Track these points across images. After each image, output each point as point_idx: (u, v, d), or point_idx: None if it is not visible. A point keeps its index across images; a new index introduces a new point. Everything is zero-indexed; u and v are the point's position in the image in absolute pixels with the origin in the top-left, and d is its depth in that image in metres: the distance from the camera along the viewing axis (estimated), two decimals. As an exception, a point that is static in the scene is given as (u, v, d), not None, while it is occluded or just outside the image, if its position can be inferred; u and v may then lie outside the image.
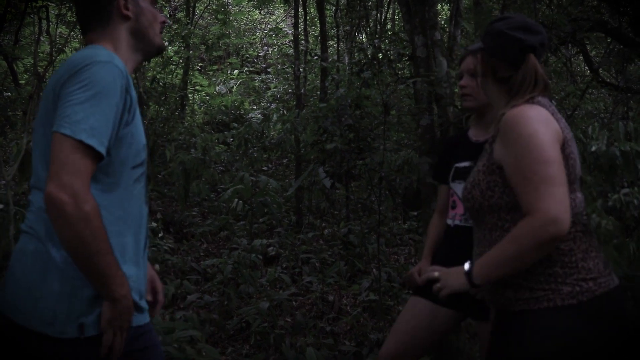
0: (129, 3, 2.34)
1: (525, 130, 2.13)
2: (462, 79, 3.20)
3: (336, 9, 14.50)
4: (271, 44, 20.59)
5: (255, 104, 17.09)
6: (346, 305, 6.26)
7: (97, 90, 2.02)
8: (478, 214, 2.35)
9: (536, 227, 2.03)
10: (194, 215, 9.37)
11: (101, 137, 1.99)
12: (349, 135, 6.09)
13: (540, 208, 2.04)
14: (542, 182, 2.06)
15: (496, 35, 2.40)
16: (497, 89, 2.42)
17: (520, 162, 2.12)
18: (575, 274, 2.15)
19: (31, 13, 12.76)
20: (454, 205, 3.24)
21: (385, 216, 8.71)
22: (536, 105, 2.24)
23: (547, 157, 2.09)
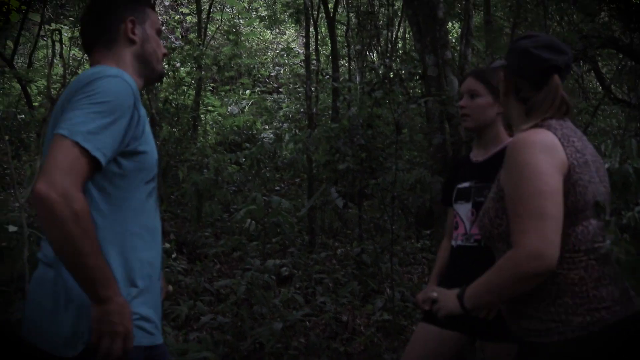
0: (136, 28, 2.39)
1: (523, 158, 2.08)
2: (462, 99, 3.22)
3: (347, 29, 14.57)
4: (283, 63, 20.66)
5: (267, 124, 17.12)
6: (360, 325, 6.23)
7: (103, 100, 2.04)
8: (489, 241, 2.32)
9: (517, 261, 2.01)
10: (207, 236, 9.37)
11: (98, 144, 1.99)
12: (361, 155, 6.09)
13: (524, 242, 2.00)
14: (530, 215, 2.02)
15: (521, 54, 2.32)
16: (518, 108, 2.35)
17: (514, 192, 2.09)
18: (586, 303, 2.07)
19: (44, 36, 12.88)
20: (457, 225, 3.25)
21: (398, 235, 8.68)
22: (544, 129, 2.18)
23: (540, 189, 2.03)
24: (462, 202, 3.22)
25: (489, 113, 3.16)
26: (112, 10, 2.38)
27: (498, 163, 3.06)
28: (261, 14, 21.69)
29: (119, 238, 2.11)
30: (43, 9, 11.63)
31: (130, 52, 2.38)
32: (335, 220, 9.97)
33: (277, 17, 20.96)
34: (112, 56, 2.34)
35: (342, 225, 9.96)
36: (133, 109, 2.12)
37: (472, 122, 3.20)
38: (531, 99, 2.29)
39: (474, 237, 3.12)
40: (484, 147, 3.24)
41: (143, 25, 2.42)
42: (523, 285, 2.03)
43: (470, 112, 3.18)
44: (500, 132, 3.20)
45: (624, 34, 10.49)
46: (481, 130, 3.21)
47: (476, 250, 3.09)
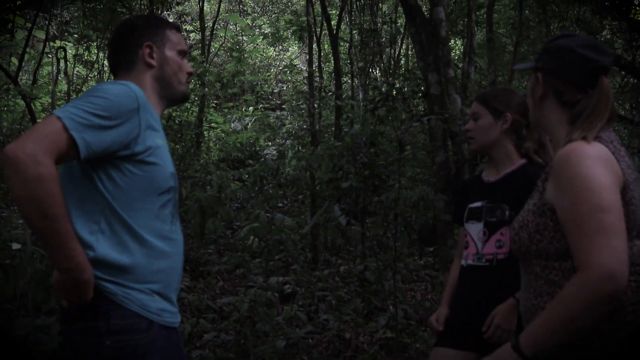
0: (154, 52, 2.47)
1: (581, 172, 1.90)
2: (468, 122, 3.27)
3: (350, 46, 14.64)
4: (286, 80, 20.74)
5: (270, 141, 17.16)
6: (363, 343, 6.22)
7: (100, 96, 2.12)
8: (524, 257, 2.12)
9: (590, 285, 1.80)
10: (210, 253, 9.36)
11: (80, 128, 2.03)
12: (364, 172, 6.11)
13: (595, 262, 1.80)
14: (598, 233, 1.83)
15: (563, 53, 2.13)
16: (559, 115, 2.15)
17: (574, 209, 1.89)
18: (623, 329, 1.91)
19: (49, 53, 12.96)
20: (467, 245, 3.24)
21: (401, 252, 8.68)
22: (596, 141, 1.99)
23: (605, 204, 1.85)
24: (473, 222, 3.22)
25: (491, 133, 3.17)
26: (132, 35, 2.47)
27: (510, 183, 3.07)
28: (264, 31, 21.81)
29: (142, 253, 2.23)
30: (48, 27, 11.71)
31: (149, 75, 2.46)
32: (338, 237, 9.97)
33: (280, 35, 21.08)
34: (133, 79, 2.41)
35: (345, 242, 9.96)
36: (134, 116, 2.17)
37: (475, 143, 3.24)
38: (577, 103, 2.10)
39: (485, 257, 3.11)
40: (495, 167, 3.25)
41: (162, 48, 2.50)
42: (597, 313, 1.82)
43: (474, 135, 3.22)
44: (510, 152, 3.19)
45: (626, 51, 10.54)
46: (488, 151, 3.23)
47: (487, 270, 3.08)
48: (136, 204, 2.23)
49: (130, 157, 2.19)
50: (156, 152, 2.27)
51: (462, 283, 3.27)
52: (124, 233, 2.21)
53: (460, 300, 3.23)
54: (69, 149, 2.02)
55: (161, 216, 2.32)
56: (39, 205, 1.93)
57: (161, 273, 2.30)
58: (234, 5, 23.15)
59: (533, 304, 2.08)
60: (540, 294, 2.06)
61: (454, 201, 3.60)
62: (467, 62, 7.23)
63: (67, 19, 15.48)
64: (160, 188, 2.29)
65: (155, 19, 2.59)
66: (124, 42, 2.48)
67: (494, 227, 3.09)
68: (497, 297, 2.97)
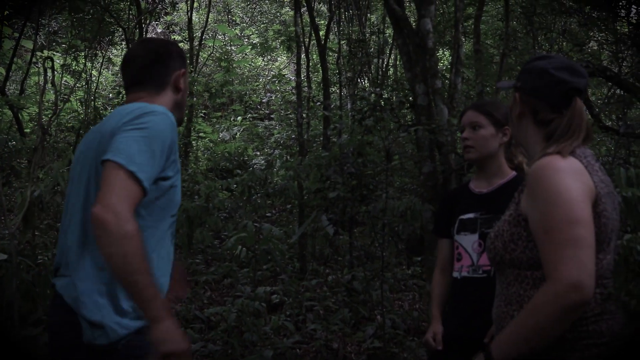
0: (182, 78, 2.64)
1: (553, 185, 1.96)
2: (464, 132, 3.24)
3: (338, 56, 14.66)
4: (274, 90, 20.76)
5: (259, 150, 17.16)
6: (350, 352, 6.22)
7: (152, 135, 2.25)
8: (498, 266, 2.19)
9: (557, 295, 1.85)
10: (198, 263, 9.36)
11: (147, 175, 2.18)
12: (351, 182, 6.12)
13: (562, 273, 1.85)
14: (566, 244, 1.88)
15: (539, 74, 2.21)
16: (535, 132, 2.23)
17: (545, 220, 1.95)
18: (585, 338, 1.98)
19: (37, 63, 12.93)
20: (460, 257, 3.23)
21: (388, 262, 8.69)
22: (569, 156, 2.06)
23: (575, 217, 1.91)
24: (466, 234, 3.21)
25: (492, 144, 3.18)
26: (169, 58, 2.62)
27: (504, 195, 3.02)
28: (253, 41, 21.84)
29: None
30: (35, 37, 11.69)
31: (173, 98, 2.63)
32: (326, 247, 9.97)
33: (268, 45, 21.12)
34: (159, 99, 2.56)
35: (333, 252, 9.96)
36: (171, 146, 2.32)
37: (475, 153, 3.21)
38: (551, 122, 2.18)
39: (482, 268, 3.11)
40: (486, 178, 3.26)
41: (185, 77, 2.67)
42: (566, 321, 1.88)
43: (474, 144, 3.20)
44: (502, 164, 3.23)
45: (612, 63, 10.62)
46: (484, 162, 3.23)
47: (485, 282, 3.05)
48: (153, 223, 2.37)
49: (163, 179, 2.34)
50: (178, 175, 2.43)
51: (457, 296, 3.25)
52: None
53: (455, 313, 3.22)
54: (141, 197, 2.18)
55: (167, 235, 2.46)
56: (128, 262, 2.07)
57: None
58: (222, 15, 23.20)
59: (503, 312, 2.15)
60: (510, 302, 2.13)
61: (438, 212, 3.59)
62: (454, 73, 7.26)
63: (55, 28, 15.46)
64: (175, 209, 2.46)
65: (182, 50, 2.74)
66: (160, 62, 2.61)
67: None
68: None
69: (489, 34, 15.46)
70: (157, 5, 14.43)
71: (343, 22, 15.24)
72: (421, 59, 5.85)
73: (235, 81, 20.11)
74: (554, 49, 11.46)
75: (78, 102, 16.18)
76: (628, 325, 2.11)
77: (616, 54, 10.39)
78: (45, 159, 10.06)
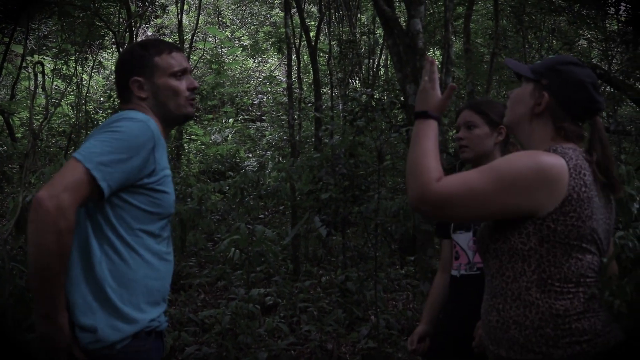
0: (145, 84, 2.55)
1: (517, 158, 2.04)
2: (459, 131, 3.25)
3: (329, 57, 14.67)
4: (265, 91, 20.76)
5: (251, 152, 17.16)
6: (345, 353, 6.23)
7: (122, 138, 2.25)
8: (484, 256, 2.23)
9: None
10: (191, 266, 9.35)
11: (107, 176, 2.18)
12: (343, 183, 6.12)
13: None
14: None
15: (576, 87, 2.20)
16: (545, 133, 2.23)
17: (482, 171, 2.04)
18: (568, 336, 2.01)
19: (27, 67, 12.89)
20: (457, 255, 3.26)
21: (382, 262, 8.70)
22: (558, 154, 2.09)
23: (497, 177, 2.00)
24: (461, 232, 3.24)
25: (487, 143, 3.18)
26: (121, 72, 2.59)
27: None
28: (244, 43, 21.82)
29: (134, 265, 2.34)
30: (25, 41, 11.66)
31: (146, 105, 2.56)
32: (320, 248, 9.97)
33: (259, 46, 21.11)
34: (134, 108, 2.53)
35: (326, 253, 9.96)
36: (149, 153, 2.31)
37: (471, 152, 3.21)
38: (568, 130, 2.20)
39: (476, 265, 3.14)
40: None
41: (152, 78, 2.55)
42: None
43: (469, 143, 3.20)
44: None
45: (601, 61, 10.65)
46: (479, 161, 3.22)
47: (479, 279, 3.06)
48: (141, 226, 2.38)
49: (145, 185, 2.34)
50: (167, 181, 2.43)
51: (455, 293, 3.28)
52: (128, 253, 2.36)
53: (453, 310, 3.25)
54: (91, 195, 2.19)
55: (160, 239, 2.47)
56: (50, 258, 2.10)
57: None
58: (212, 17, 23.17)
59: (489, 305, 2.20)
60: (495, 294, 2.17)
61: None
62: (445, 73, 7.28)
63: (45, 33, 15.42)
64: (164, 213, 2.44)
65: (142, 48, 2.61)
66: (118, 79, 2.60)
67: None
68: None
69: (479, 33, 15.50)
70: (147, 8, 14.41)
71: (333, 23, 15.26)
72: (412, 59, 5.87)
73: (226, 83, 20.10)
74: (544, 47, 11.50)
75: (69, 107, 16.17)
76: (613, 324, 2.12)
77: (606, 52, 10.44)
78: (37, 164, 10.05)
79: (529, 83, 2.29)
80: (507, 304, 2.11)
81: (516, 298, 2.09)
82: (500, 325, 2.12)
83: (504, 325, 2.11)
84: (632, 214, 4.72)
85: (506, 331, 2.10)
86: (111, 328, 2.25)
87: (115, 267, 2.30)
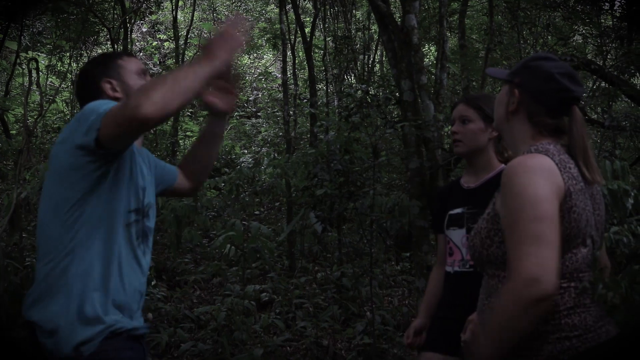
0: (116, 85, 2.54)
1: (520, 182, 2.00)
2: (454, 125, 3.24)
3: (324, 53, 14.66)
4: (261, 88, 20.74)
5: (246, 148, 17.15)
6: (341, 349, 6.23)
7: (86, 109, 2.24)
8: (479, 262, 2.23)
9: (516, 290, 1.88)
10: (187, 262, 9.34)
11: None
12: (339, 179, 6.12)
13: (519, 269, 1.89)
14: (526, 241, 1.91)
15: (545, 78, 2.21)
16: (524, 131, 2.25)
17: (511, 217, 1.99)
18: (557, 331, 2.00)
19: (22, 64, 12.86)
20: (451, 252, 3.26)
21: (377, 259, 8.70)
22: (541, 154, 2.10)
23: (537, 214, 1.94)
24: (454, 229, 3.24)
25: (481, 138, 3.18)
26: (89, 79, 2.56)
27: (491, 189, 3.06)
28: (239, 39, 21.76)
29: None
30: (20, 37, 11.63)
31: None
32: (315, 244, 9.97)
33: (254, 42, 21.06)
34: None
35: (322, 249, 9.96)
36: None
37: (464, 147, 3.22)
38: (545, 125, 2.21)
39: (469, 262, 3.14)
40: (475, 173, 3.28)
41: (121, 78, 2.55)
42: (529, 317, 1.87)
43: (463, 138, 3.21)
44: (491, 158, 3.23)
45: (596, 56, 10.66)
46: (473, 156, 3.24)
47: (472, 276, 3.06)
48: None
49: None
50: (126, 168, 2.39)
51: (449, 290, 3.28)
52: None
53: (447, 306, 3.25)
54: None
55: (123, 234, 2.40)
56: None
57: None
58: (207, 13, 23.10)
59: (484, 304, 2.20)
60: (490, 294, 2.16)
61: (433, 209, 3.60)
62: (440, 69, 7.28)
63: (40, 29, 15.38)
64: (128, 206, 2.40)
65: (102, 56, 2.65)
66: (86, 86, 2.57)
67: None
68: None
69: (474, 29, 15.49)
70: (141, 4, 14.37)
71: (328, 19, 15.25)
72: (406, 55, 5.86)
73: (221, 79, 20.01)
74: (539, 43, 11.50)
75: (64, 103, 16.11)
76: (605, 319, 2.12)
77: (600, 47, 10.44)
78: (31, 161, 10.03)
79: (505, 85, 2.33)
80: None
81: None
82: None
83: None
84: (626, 209, 4.73)
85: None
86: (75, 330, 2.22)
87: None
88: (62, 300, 2.23)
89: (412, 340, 3.35)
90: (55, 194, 2.30)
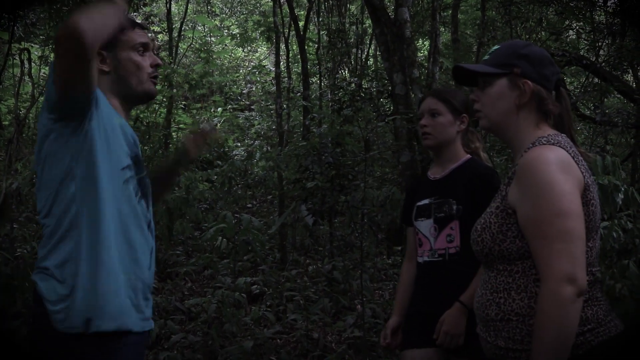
0: (107, 58, 2.48)
1: (543, 178, 1.95)
2: (422, 118, 3.27)
3: (318, 47, 14.65)
4: (254, 81, 20.69)
5: (240, 141, 17.11)
6: (331, 342, 6.24)
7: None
8: (487, 258, 2.16)
9: (554, 292, 1.86)
10: (178, 254, 9.33)
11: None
12: (330, 172, 6.13)
13: (553, 267, 1.88)
14: (557, 238, 1.90)
15: (546, 63, 2.19)
16: (531, 121, 2.19)
17: (535, 213, 1.96)
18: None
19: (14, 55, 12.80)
20: (420, 242, 3.30)
21: (368, 252, 8.71)
22: (556, 146, 2.05)
23: (565, 209, 1.91)
24: (422, 219, 3.28)
25: (450, 131, 3.24)
26: None
27: (456, 178, 3.16)
28: (233, 32, 21.74)
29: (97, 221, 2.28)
30: (12, 28, 11.58)
31: (106, 80, 2.48)
32: (307, 237, 9.97)
33: (248, 35, 21.03)
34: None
35: (313, 242, 9.97)
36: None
37: (433, 140, 3.27)
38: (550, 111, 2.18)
39: (437, 252, 3.18)
40: (441, 164, 3.33)
41: (114, 51, 2.49)
42: (571, 317, 1.88)
43: (432, 131, 3.25)
44: (458, 150, 3.30)
45: (589, 52, 10.68)
46: (441, 148, 3.30)
47: (441, 265, 3.16)
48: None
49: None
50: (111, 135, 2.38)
51: (420, 280, 3.32)
52: None
53: (419, 297, 3.29)
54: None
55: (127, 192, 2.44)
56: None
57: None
58: (201, 6, 23.05)
59: (488, 299, 2.15)
60: (497, 290, 2.12)
61: (404, 202, 3.63)
62: (433, 62, 7.28)
63: (33, 20, 15.32)
64: (119, 164, 2.41)
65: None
66: None
67: (443, 222, 3.17)
68: (451, 290, 3.05)
69: (467, 24, 15.49)
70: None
71: (322, 12, 15.24)
72: (399, 48, 5.86)
73: (215, 72, 20.00)
74: (532, 38, 11.50)
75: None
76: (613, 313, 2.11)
77: (593, 43, 10.46)
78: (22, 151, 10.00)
79: (500, 79, 2.22)
80: (510, 297, 2.07)
81: (522, 291, 2.05)
82: (500, 318, 2.09)
83: (504, 317, 2.07)
84: (616, 204, 4.76)
85: (507, 322, 2.06)
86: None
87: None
88: (73, 244, 2.24)
89: (390, 341, 3.37)
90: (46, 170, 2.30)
